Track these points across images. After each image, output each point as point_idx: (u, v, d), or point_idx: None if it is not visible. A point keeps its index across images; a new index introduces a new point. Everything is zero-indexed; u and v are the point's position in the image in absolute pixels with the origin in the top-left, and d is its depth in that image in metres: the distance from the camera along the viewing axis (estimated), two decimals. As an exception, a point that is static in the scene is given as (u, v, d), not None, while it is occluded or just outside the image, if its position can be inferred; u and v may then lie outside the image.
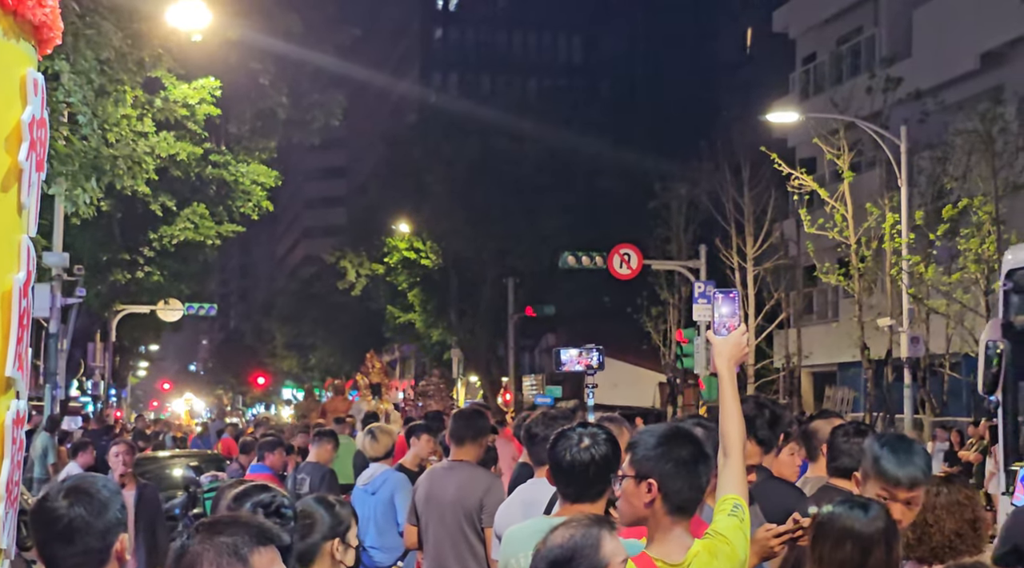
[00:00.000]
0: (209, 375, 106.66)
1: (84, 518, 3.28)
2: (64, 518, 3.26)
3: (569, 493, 4.44)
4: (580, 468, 4.40)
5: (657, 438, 3.88)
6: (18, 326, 2.92)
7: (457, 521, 7.73)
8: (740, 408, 4.20)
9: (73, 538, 3.26)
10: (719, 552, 3.80)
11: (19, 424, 2.99)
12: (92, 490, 3.35)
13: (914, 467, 4.41)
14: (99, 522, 3.29)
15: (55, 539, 3.26)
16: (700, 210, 37.18)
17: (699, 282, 31.38)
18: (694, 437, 3.89)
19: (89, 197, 17.07)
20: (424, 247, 49.84)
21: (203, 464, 18.34)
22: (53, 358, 25.43)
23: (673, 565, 3.75)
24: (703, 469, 3.83)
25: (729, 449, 4.08)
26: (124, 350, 49.33)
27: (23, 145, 2.89)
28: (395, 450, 10.53)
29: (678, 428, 3.95)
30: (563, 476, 4.47)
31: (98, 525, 3.29)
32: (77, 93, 15.47)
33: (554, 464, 4.50)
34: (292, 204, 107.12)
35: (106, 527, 3.30)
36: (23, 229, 2.99)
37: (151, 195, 25.61)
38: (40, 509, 3.32)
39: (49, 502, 3.31)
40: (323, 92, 31.64)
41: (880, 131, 27.11)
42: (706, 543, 3.82)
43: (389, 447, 10.23)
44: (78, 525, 3.26)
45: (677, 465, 3.80)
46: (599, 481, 4.45)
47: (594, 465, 4.41)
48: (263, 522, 2.93)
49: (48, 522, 3.27)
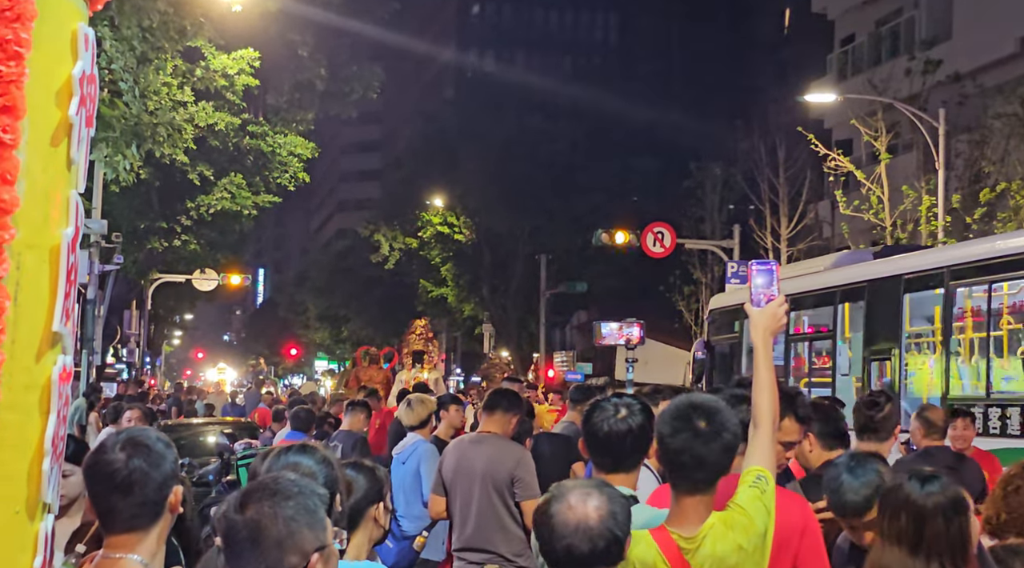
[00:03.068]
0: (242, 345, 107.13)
1: (143, 470, 3.29)
2: (123, 470, 3.27)
3: (606, 464, 4.43)
4: (617, 439, 4.38)
5: (666, 413, 3.90)
6: (66, 281, 2.95)
7: (487, 493, 7.75)
8: (774, 380, 4.17)
9: (132, 490, 3.27)
10: (735, 523, 3.79)
11: (65, 379, 3.02)
12: (149, 442, 3.36)
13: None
14: (157, 473, 3.31)
15: (113, 491, 3.27)
16: (735, 190, 37.07)
17: (732, 262, 31.28)
18: (705, 412, 3.84)
19: (129, 164, 17.18)
20: (458, 222, 49.85)
21: (237, 431, 18.46)
22: (90, 324, 25.68)
23: (688, 538, 3.77)
24: (715, 446, 3.79)
25: (759, 421, 4.05)
26: (159, 318, 49.66)
27: (73, 100, 2.92)
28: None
29: (689, 403, 3.89)
30: (600, 447, 4.44)
31: (156, 477, 3.31)
32: (119, 60, 15.56)
33: (590, 435, 4.46)
34: (327, 177, 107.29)
35: (163, 479, 3.32)
36: (72, 184, 3.02)
37: (189, 164, 25.76)
38: (97, 462, 3.32)
39: (107, 454, 3.32)
40: (361, 65, 31.66)
41: (918, 113, 26.92)
42: (722, 515, 3.81)
43: (424, 417, 10.29)
44: (137, 477, 3.28)
45: (682, 443, 3.81)
46: (636, 451, 4.45)
47: (631, 435, 4.39)
48: (311, 485, 2.97)
49: (108, 474, 3.28)
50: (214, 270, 39.16)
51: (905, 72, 30.15)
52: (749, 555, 3.80)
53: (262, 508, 2.85)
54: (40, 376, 2.89)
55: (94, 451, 3.40)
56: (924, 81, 29.76)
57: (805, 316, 17.98)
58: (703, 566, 3.76)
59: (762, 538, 3.83)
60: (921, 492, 3.96)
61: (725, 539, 3.77)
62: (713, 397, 4.01)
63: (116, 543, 3.30)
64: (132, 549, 3.28)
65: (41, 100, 2.85)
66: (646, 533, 3.81)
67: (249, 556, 2.83)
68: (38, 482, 2.87)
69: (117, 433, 3.49)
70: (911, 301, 15.01)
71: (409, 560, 9.56)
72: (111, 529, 3.31)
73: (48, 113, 2.89)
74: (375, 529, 4.37)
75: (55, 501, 2.98)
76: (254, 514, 2.85)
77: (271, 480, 2.94)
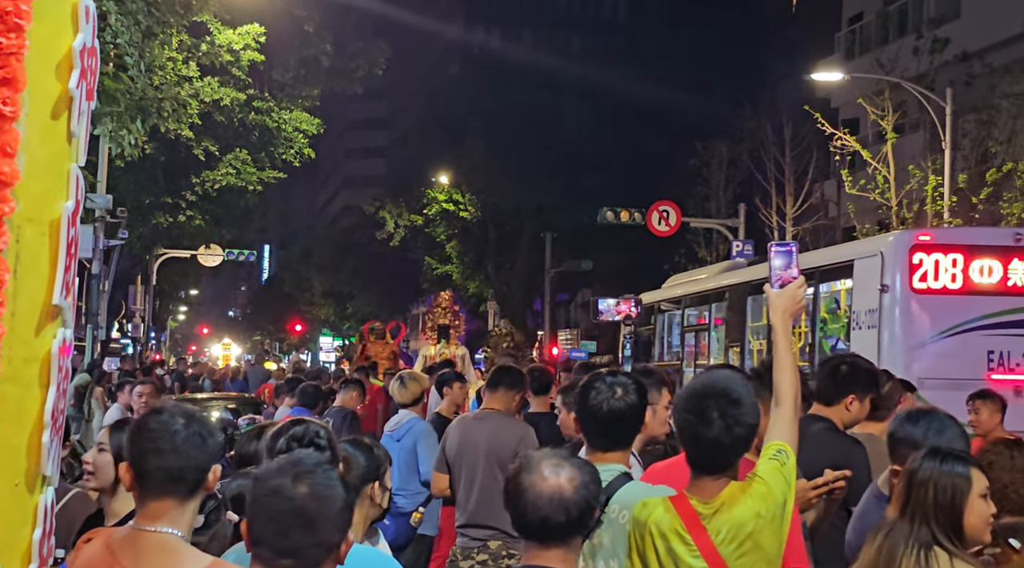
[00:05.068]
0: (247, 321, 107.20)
1: (201, 436, 3.32)
2: (183, 432, 3.30)
3: (602, 443, 4.43)
4: (617, 417, 4.39)
5: (684, 398, 3.98)
6: (66, 255, 2.96)
7: (491, 470, 7.77)
8: (793, 359, 4.26)
9: (188, 453, 3.29)
10: (754, 492, 3.87)
11: (65, 352, 3.03)
12: (205, 418, 3.42)
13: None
14: (210, 443, 3.35)
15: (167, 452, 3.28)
16: (740, 169, 36.97)
17: (737, 241, 31.26)
18: (726, 400, 3.90)
19: (134, 138, 17.17)
20: (463, 199, 49.79)
21: (240, 407, 18.49)
22: (95, 299, 25.72)
23: (706, 503, 3.86)
24: (727, 439, 3.86)
25: (781, 399, 4.15)
26: (164, 294, 49.72)
27: (74, 73, 2.92)
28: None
29: (709, 390, 3.95)
30: (599, 426, 4.44)
31: (209, 447, 3.34)
32: (124, 34, 15.53)
33: (587, 415, 4.46)
34: (333, 154, 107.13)
35: (213, 451, 3.36)
36: (73, 157, 3.02)
37: (194, 139, 25.75)
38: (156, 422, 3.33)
39: (166, 416, 3.33)
40: (367, 42, 31.61)
41: (925, 93, 26.84)
42: (741, 484, 3.90)
43: (417, 394, 10.27)
44: (195, 442, 3.31)
45: (692, 418, 3.89)
46: (631, 429, 4.47)
47: (628, 414, 4.40)
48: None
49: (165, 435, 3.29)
50: (219, 246, 39.17)
51: (913, 51, 30.03)
52: (768, 523, 3.86)
53: (318, 487, 2.89)
54: (40, 349, 2.90)
55: (152, 414, 3.39)
56: (932, 60, 29.64)
57: (693, 312, 21.74)
58: (720, 531, 3.83)
59: (781, 508, 3.90)
60: (940, 469, 4.14)
61: (743, 506, 3.85)
62: (734, 379, 4.05)
63: (154, 511, 3.28)
64: (171, 520, 3.27)
65: (41, 73, 2.85)
66: (665, 499, 3.90)
67: (302, 532, 2.86)
68: (37, 455, 2.88)
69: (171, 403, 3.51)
70: (751, 301, 18.50)
71: (407, 536, 9.60)
72: (151, 491, 3.29)
73: (48, 86, 2.89)
74: (371, 508, 4.38)
75: (55, 474, 2.99)
76: (313, 491, 2.88)
77: (311, 461, 2.96)
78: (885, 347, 14.24)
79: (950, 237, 15.68)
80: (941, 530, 4.06)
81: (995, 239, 15.23)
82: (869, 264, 14.82)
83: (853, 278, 15.44)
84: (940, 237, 15.12)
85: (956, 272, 14.43)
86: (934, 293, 14.31)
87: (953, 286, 14.36)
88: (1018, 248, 14.48)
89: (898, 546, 4.08)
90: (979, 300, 14.27)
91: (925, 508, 4.08)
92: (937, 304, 14.24)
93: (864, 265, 15.19)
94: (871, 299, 14.61)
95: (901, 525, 4.12)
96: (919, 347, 14.04)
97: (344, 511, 2.91)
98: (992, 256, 14.44)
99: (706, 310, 20.95)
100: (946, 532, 4.05)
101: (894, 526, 4.14)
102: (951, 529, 4.06)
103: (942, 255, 14.37)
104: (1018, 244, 14.52)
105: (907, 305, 14.36)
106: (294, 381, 14.15)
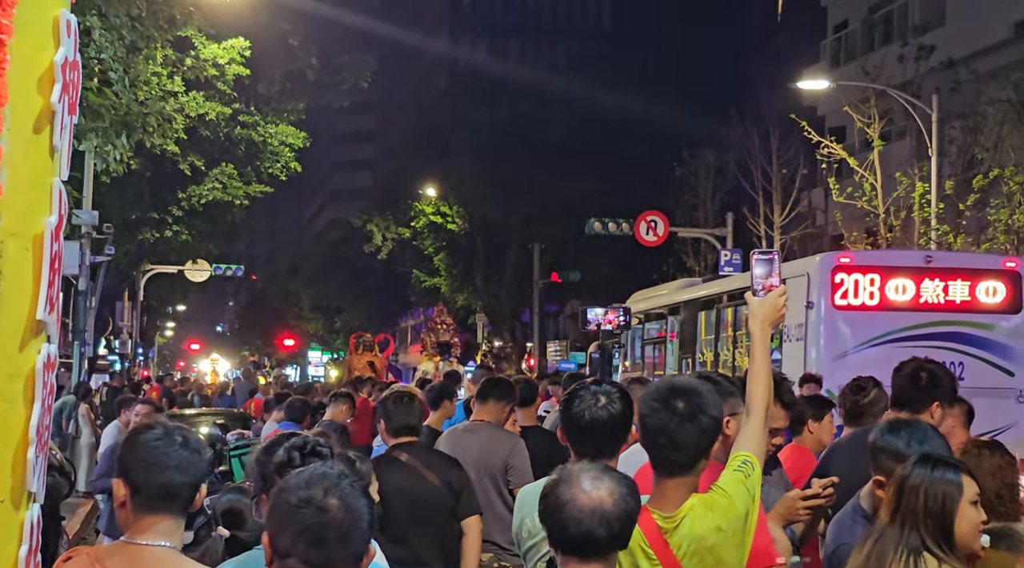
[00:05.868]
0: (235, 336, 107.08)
1: (199, 454, 3.41)
2: (183, 451, 3.38)
3: (587, 452, 4.41)
4: (599, 426, 4.37)
5: (646, 395, 3.94)
6: (49, 270, 2.94)
7: (481, 481, 7.75)
8: (769, 370, 4.23)
9: (188, 470, 3.38)
10: (715, 504, 3.83)
11: (50, 368, 3.01)
12: (196, 436, 3.51)
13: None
14: (203, 463, 3.45)
15: (171, 468, 3.35)
16: (728, 178, 37.05)
17: (725, 250, 31.33)
18: (685, 395, 3.86)
19: (119, 154, 17.13)
20: (451, 212, 49.85)
21: (229, 422, 18.46)
22: (82, 316, 25.64)
23: (667, 516, 3.80)
24: (691, 428, 3.81)
25: (752, 409, 4.12)
26: (151, 310, 49.63)
27: (56, 86, 2.91)
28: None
29: (669, 386, 3.92)
30: (581, 435, 4.43)
31: (202, 466, 3.43)
32: (108, 49, 15.51)
33: (571, 423, 4.46)
34: (320, 167, 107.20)
35: (204, 469, 3.45)
36: (55, 172, 3.01)
37: (180, 154, 25.70)
38: (154, 439, 3.39)
39: (164, 434, 3.41)
40: (352, 54, 31.63)
41: (911, 100, 26.92)
42: (703, 497, 3.85)
43: None
44: (194, 461, 3.39)
45: (660, 423, 3.84)
46: (616, 439, 4.46)
47: (612, 422, 4.39)
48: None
49: (166, 453, 3.37)
50: (206, 260, 39.12)
51: (898, 58, 30.14)
52: (728, 536, 3.83)
53: (348, 498, 2.89)
54: (24, 365, 2.88)
55: (148, 431, 3.45)
56: (917, 67, 29.74)
57: (653, 326, 23.14)
58: (681, 545, 3.79)
59: (743, 520, 3.87)
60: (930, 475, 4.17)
61: (704, 519, 3.80)
62: (695, 380, 4.05)
63: (149, 526, 3.33)
64: (165, 535, 3.32)
65: (23, 87, 2.83)
66: None
67: (335, 544, 2.84)
68: (23, 471, 2.86)
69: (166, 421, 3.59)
70: (704, 316, 20.25)
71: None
72: (150, 508, 3.34)
73: (30, 100, 2.87)
74: None
75: (40, 490, 2.97)
76: (343, 503, 2.87)
77: (335, 473, 2.95)
78: (811, 358, 15.55)
79: (868, 259, 17.02)
80: (931, 536, 4.06)
81: (908, 261, 16.66)
82: (798, 283, 15.88)
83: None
84: (859, 259, 16.43)
85: (873, 290, 15.64)
86: (854, 309, 15.56)
87: (871, 303, 15.61)
88: (929, 269, 15.80)
89: (887, 551, 4.08)
90: (894, 315, 15.50)
91: (915, 514, 4.09)
92: (856, 319, 15.49)
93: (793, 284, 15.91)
94: (799, 315, 15.78)
95: (891, 531, 4.12)
96: (840, 358, 15.14)
97: (371, 522, 2.91)
98: (906, 276, 15.67)
99: (664, 324, 22.40)
100: (936, 538, 4.06)
101: (884, 532, 4.14)
102: (941, 535, 4.07)
103: (861, 275, 15.63)
104: (928, 265, 15.89)
105: (830, 320, 15.65)
106: (282, 396, 14.14)
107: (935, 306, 15.57)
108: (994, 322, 15.67)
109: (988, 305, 15.78)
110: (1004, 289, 15.82)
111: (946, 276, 15.79)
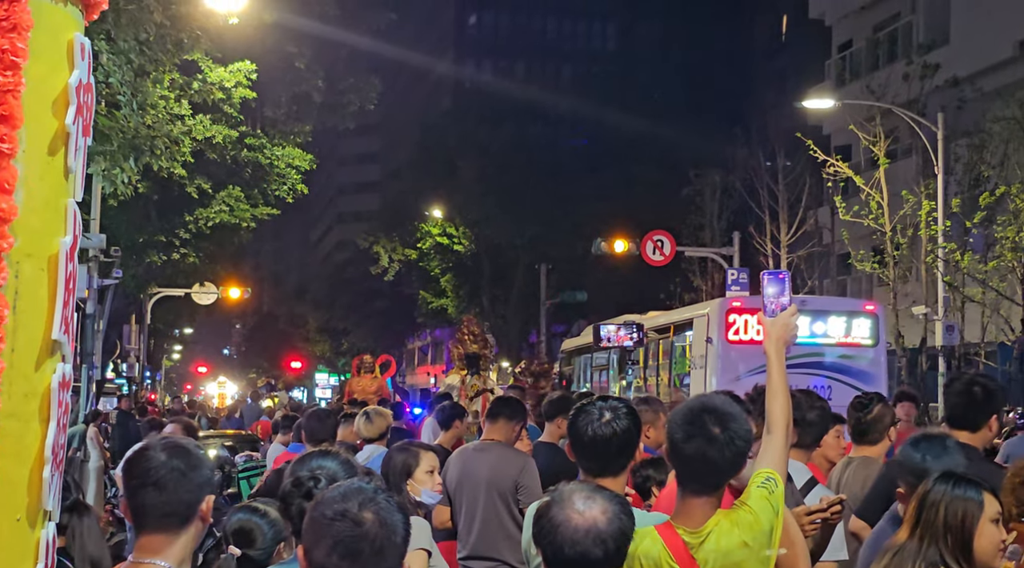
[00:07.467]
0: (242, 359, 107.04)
1: (181, 470, 3.35)
2: (163, 468, 3.34)
3: (592, 468, 4.42)
4: (602, 442, 4.38)
5: (678, 417, 3.96)
6: (64, 290, 2.96)
7: (491, 501, 7.76)
8: (787, 387, 4.28)
9: (167, 487, 3.33)
10: (740, 521, 3.85)
11: (65, 387, 3.03)
12: (189, 447, 3.45)
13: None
14: (194, 476, 3.38)
15: (149, 487, 3.33)
16: (734, 197, 37.09)
17: (732, 269, 31.27)
18: (720, 420, 3.89)
19: (127, 177, 17.18)
20: (457, 233, 49.87)
21: (237, 444, 18.47)
22: (90, 339, 25.65)
23: (693, 532, 3.82)
24: (728, 453, 3.84)
25: (772, 426, 4.16)
26: (159, 333, 49.64)
27: (70, 109, 2.93)
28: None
29: (702, 408, 3.94)
30: (585, 451, 4.45)
31: (193, 479, 3.37)
32: (116, 73, 15.57)
33: (576, 439, 4.47)
34: (326, 189, 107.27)
35: (199, 483, 3.39)
36: (70, 193, 3.03)
37: (187, 177, 25.75)
38: (138, 458, 3.39)
39: (148, 452, 3.39)
40: (358, 77, 31.68)
41: (917, 118, 26.96)
42: (729, 512, 3.88)
43: (384, 429, 10.05)
44: (174, 477, 3.34)
45: (697, 450, 3.86)
46: (622, 455, 4.46)
47: (616, 439, 4.39)
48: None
49: (146, 470, 3.34)
50: (213, 283, 39.14)
51: (903, 77, 30.18)
52: (754, 552, 3.85)
53: (384, 513, 2.90)
54: (40, 384, 2.90)
55: (137, 449, 3.48)
56: (922, 86, 29.78)
57: (601, 355, 25.84)
58: (708, 561, 3.81)
59: (768, 536, 3.89)
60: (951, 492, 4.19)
61: (730, 535, 3.83)
62: (727, 401, 4.07)
63: (146, 545, 3.34)
64: (160, 553, 3.31)
65: (38, 109, 2.86)
66: (652, 529, 3.86)
67: (371, 558, 2.86)
68: (39, 490, 2.87)
69: (160, 437, 3.58)
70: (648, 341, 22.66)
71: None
72: (143, 526, 3.35)
73: (45, 122, 2.90)
74: None
75: (56, 509, 2.99)
76: (379, 517, 2.88)
77: (371, 488, 2.97)
78: (710, 383, 18.45)
79: (754, 303, 18.69)
80: (949, 552, 4.08)
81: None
82: (701, 322, 19.55)
83: (692, 331, 20.35)
84: (748, 303, 19.40)
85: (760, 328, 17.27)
86: (743, 343, 18.56)
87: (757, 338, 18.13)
88: (804, 310, 17.60)
89: (905, 565, 4.10)
90: None
91: (935, 529, 4.11)
92: (746, 352, 18.08)
93: (698, 322, 19.99)
94: (702, 347, 19.30)
95: (910, 545, 4.14)
96: (733, 382, 16.78)
97: (405, 537, 2.92)
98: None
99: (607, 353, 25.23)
100: (955, 554, 4.08)
101: (903, 546, 4.17)
102: (960, 552, 4.09)
103: (749, 315, 18.48)
104: (804, 307, 17.89)
105: (724, 352, 18.78)
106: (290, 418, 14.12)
107: (809, 340, 18.46)
108: (857, 354, 19.01)
109: (852, 340, 19.13)
110: (865, 327, 19.25)
111: (818, 315, 19.12)
